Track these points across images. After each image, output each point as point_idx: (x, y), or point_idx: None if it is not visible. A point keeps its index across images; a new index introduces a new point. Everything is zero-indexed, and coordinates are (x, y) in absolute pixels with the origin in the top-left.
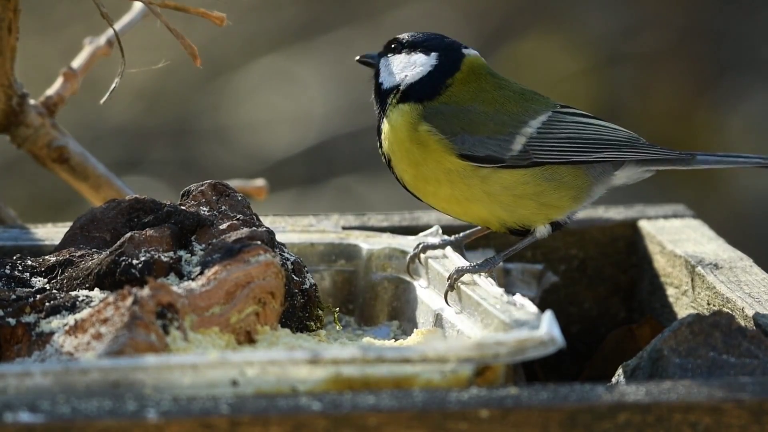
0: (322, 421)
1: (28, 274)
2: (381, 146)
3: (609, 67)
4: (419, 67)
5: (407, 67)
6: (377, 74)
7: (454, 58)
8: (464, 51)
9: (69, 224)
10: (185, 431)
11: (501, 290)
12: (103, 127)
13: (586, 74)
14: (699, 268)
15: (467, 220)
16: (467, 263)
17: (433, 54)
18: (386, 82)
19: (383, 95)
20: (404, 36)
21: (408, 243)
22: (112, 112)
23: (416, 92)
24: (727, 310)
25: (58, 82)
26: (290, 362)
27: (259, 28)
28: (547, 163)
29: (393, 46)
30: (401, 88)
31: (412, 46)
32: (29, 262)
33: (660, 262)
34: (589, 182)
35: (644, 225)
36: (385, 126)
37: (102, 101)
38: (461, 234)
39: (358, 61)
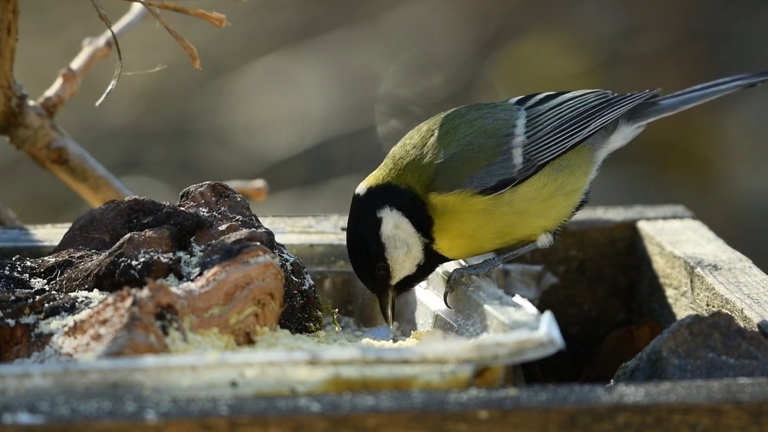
0: (322, 422)
1: (27, 275)
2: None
3: (609, 68)
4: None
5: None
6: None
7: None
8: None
9: (68, 225)
10: None
11: (500, 291)
12: (103, 128)
13: (586, 75)
14: (698, 269)
15: (514, 244)
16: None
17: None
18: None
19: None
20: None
21: None
22: (112, 113)
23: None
24: (727, 311)
25: (58, 84)
26: (289, 363)
27: (258, 29)
28: (550, 160)
29: None
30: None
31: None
32: (28, 263)
33: (659, 263)
34: (591, 151)
35: (643, 226)
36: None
37: (98, 103)
38: (508, 254)
39: None
